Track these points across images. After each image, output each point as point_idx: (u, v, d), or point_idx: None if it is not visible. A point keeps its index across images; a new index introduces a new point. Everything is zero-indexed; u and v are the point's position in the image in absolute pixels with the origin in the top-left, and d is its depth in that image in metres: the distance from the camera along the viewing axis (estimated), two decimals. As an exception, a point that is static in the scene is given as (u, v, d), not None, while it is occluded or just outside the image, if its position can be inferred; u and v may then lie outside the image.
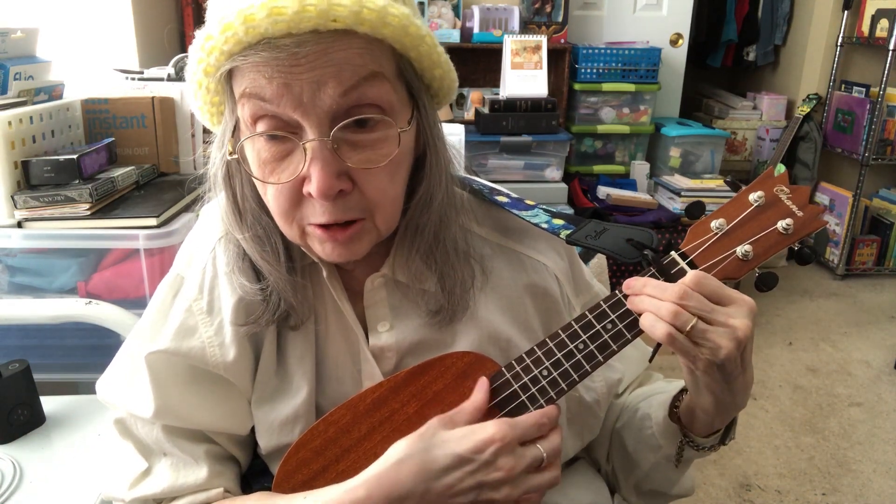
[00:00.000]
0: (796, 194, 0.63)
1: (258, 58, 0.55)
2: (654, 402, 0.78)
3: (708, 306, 0.59)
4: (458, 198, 0.72)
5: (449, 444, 0.59)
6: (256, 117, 0.59)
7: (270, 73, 0.55)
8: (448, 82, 0.67)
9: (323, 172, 0.57)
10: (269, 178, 0.61)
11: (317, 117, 0.57)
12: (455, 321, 0.71)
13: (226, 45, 0.55)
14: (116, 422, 0.72)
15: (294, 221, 0.63)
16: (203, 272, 0.71)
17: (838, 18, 3.33)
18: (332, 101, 0.56)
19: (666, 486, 0.78)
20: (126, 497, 0.69)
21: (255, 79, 0.56)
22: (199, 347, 0.68)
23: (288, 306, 0.68)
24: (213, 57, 0.57)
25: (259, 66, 0.56)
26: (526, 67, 2.76)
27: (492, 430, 0.59)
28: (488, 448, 0.58)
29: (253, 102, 0.58)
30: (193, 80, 0.61)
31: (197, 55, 0.58)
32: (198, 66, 0.59)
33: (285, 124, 0.59)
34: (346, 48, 0.56)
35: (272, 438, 0.70)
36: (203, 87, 0.62)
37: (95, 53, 2.25)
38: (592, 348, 0.63)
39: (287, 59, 0.55)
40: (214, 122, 0.67)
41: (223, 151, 0.65)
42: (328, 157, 0.58)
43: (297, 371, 0.70)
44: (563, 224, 0.72)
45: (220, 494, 0.69)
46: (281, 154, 0.60)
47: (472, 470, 0.58)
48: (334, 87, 0.56)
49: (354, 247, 0.63)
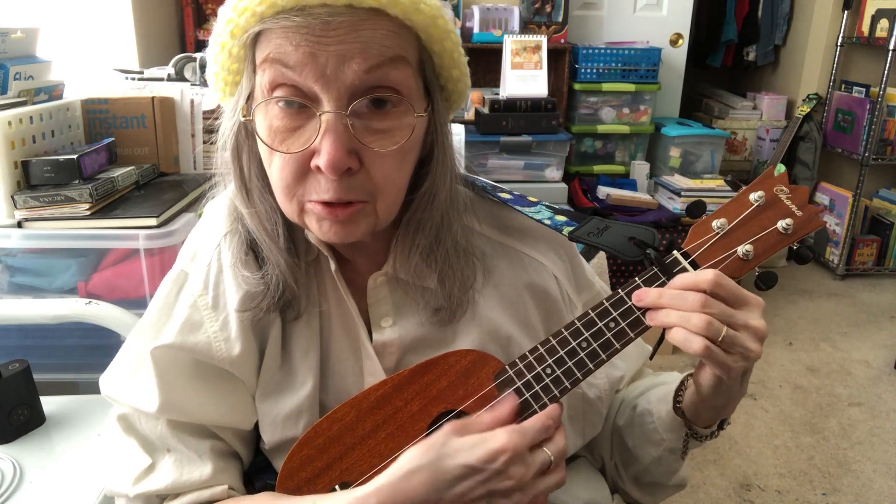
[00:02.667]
0: (796, 194, 0.64)
1: (290, 22, 0.55)
2: (652, 398, 0.78)
3: (729, 311, 0.60)
4: (460, 196, 0.72)
5: (460, 454, 0.59)
6: (276, 84, 0.59)
7: (298, 40, 0.56)
8: (462, 86, 0.68)
9: (335, 146, 0.58)
10: (278, 147, 0.60)
11: (337, 90, 0.57)
12: (455, 320, 0.71)
13: (260, 5, 0.56)
14: (120, 418, 0.71)
15: (295, 197, 0.63)
16: (208, 268, 0.71)
17: (838, 18, 3.33)
18: (354, 76, 0.57)
19: (665, 477, 0.79)
20: (130, 493, 0.69)
21: (282, 44, 0.57)
22: (205, 342, 0.69)
23: (289, 291, 0.68)
24: (244, 17, 0.57)
25: (288, 32, 0.56)
26: (526, 67, 2.76)
27: (503, 439, 0.59)
28: (499, 458, 0.58)
29: (275, 68, 0.58)
30: (217, 41, 0.61)
31: (227, 15, 0.59)
32: (225, 27, 0.59)
33: (303, 94, 0.59)
34: (375, 27, 0.57)
35: (276, 432, 0.71)
36: (225, 51, 0.62)
37: (95, 53, 2.25)
38: (595, 346, 0.63)
39: (318, 29, 0.55)
40: (226, 93, 0.67)
41: (234, 119, 0.65)
42: (342, 131, 0.58)
43: (301, 365, 0.71)
44: (565, 221, 0.72)
45: (224, 491, 0.69)
46: (293, 125, 0.60)
47: (483, 479, 0.58)
48: (359, 63, 0.57)
49: (351, 227, 0.63)
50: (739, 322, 0.59)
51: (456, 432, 0.60)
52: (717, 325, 0.58)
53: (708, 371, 0.63)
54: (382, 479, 0.59)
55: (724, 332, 0.58)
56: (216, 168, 0.70)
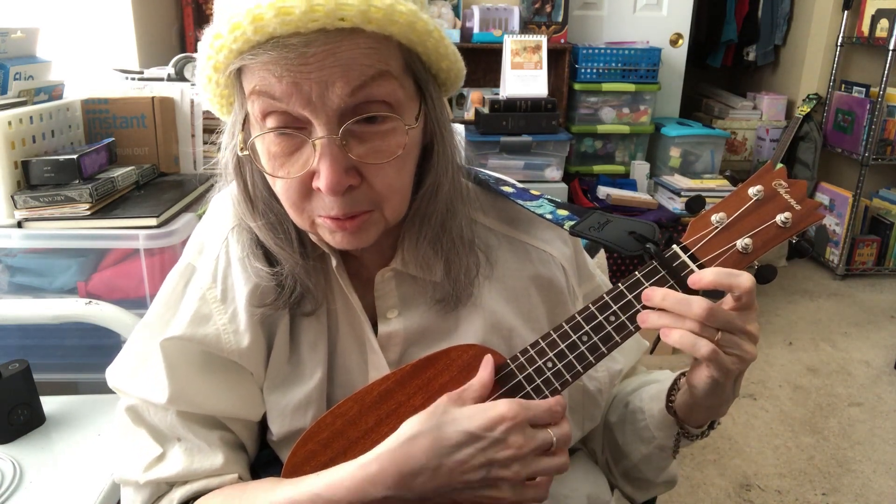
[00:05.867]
0: (794, 188, 0.64)
1: (267, 57, 0.56)
2: (644, 396, 0.79)
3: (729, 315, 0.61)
4: (464, 187, 0.72)
5: (461, 421, 0.59)
6: (266, 113, 0.60)
7: (280, 71, 0.56)
8: (455, 72, 0.68)
9: (331, 169, 0.58)
10: (278, 173, 0.62)
11: (325, 115, 0.58)
12: (459, 307, 0.72)
13: (234, 43, 0.56)
14: (128, 409, 0.72)
15: (305, 212, 0.64)
16: (216, 261, 0.72)
17: (838, 18, 3.33)
18: (340, 99, 0.57)
19: (654, 474, 0.80)
20: (140, 480, 0.69)
21: (265, 77, 0.57)
22: (214, 334, 0.69)
23: (304, 289, 0.69)
24: (222, 55, 0.58)
25: (268, 65, 0.56)
26: (526, 67, 2.76)
27: (503, 408, 0.60)
28: (499, 426, 0.59)
29: (263, 99, 0.59)
30: (203, 74, 0.62)
31: (206, 52, 0.59)
32: (207, 62, 0.60)
33: (295, 120, 0.59)
34: (353, 48, 0.57)
35: (284, 423, 0.71)
36: (213, 82, 0.63)
37: (95, 53, 2.25)
38: (596, 340, 0.64)
39: (296, 59, 0.55)
40: (224, 112, 0.68)
41: (233, 143, 0.66)
42: (337, 153, 0.59)
43: (310, 358, 0.71)
44: (567, 215, 0.73)
45: (233, 480, 0.70)
46: (290, 149, 0.61)
47: (482, 447, 0.59)
48: (342, 87, 0.57)
49: (363, 235, 0.64)
50: (737, 326, 0.61)
51: (454, 402, 0.61)
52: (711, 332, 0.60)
53: (703, 372, 0.64)
54: (384, 447, 0.60)
55: (720, 335, 0.60)
56: (217, 168, 0.71)
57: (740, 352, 0.61)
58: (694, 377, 0.65)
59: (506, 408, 0.60)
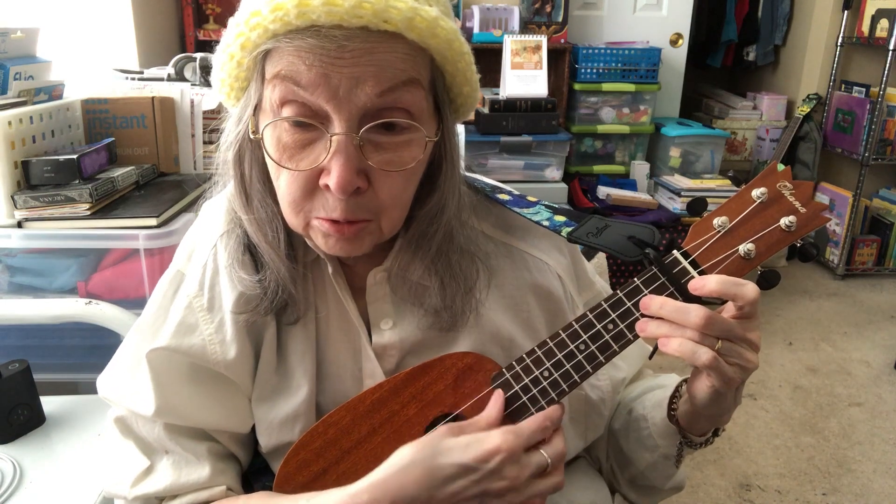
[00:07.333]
0: (799, 190, 0.62)
1: (304, 43, 0.55)
2: (647, 403, 0.78)
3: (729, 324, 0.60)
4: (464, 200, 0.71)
5: (454, 453, 0.58)
6: (285, 101, 0.58)
7: (312, 60, 0.55)
8: (472, 99, 0.67)
9: (345, 167, 0.57)
10: (286, 164, 0.60)
11: (348, 112, 0.57)
12: (455, 328, 0.71)
13: (273, 24, 0.55)
14: (117, 420, 0.71)
15: (302, 212, 0.62)
16: (204, 268, 0.71)
17: (838, 18, 3.33)
18: (367, 99, 0.56)
19: (661, 482, 0.79)
20: (128, 495, 0.69)
21: (294, 63, 0.56)
22: (200, 345, 0.68)
23: (287, 295, 0.68)
24: (255, 33, 0.56)
25: (301, 52, 0.55)
26: (526, 67, 2.76)
27: (497, 439, 0.59)
28: (493, 458, 0.58)
29: (286, 85, 0.57)
30: (225, 51, 0.60)
31: (237, 28, 0.58)
32: (235, 39, 0.58)
33: (313, 113, 0.58)
34: (390, 51, 0.56)
35: (272, 437, 0.70)
36: (234, 61, 0.60)
37: (95, 53, 2.25)
38: (594, 349, 0.62)
39: (334, 51, 0.55)
40: (232, 98, 0.66)
41: (239, 129, 0.64)
42: (352, 153, 0.58)
43: (297, 369, 0.70)
44: (564, 221, 0.71)
45: (222, 492, 0.69)
46: (303, 142, 0.60)
47: (476, 479, 0.58)
48: (372, 87, 0.56)
49: (357, 244, 0.63)
50: (738, 335, 0.59)
51: (451, 433, 0.60)
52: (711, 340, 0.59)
53: (703, 382, 0.62)
54: (375, 476, 0.59)
55: (720, 344, 0.59)
56: (216, 168, 0.70)
57: (741, 360, 0.59)
58: (694, 386, 0.64)
59: (500, 439, 0.59)
